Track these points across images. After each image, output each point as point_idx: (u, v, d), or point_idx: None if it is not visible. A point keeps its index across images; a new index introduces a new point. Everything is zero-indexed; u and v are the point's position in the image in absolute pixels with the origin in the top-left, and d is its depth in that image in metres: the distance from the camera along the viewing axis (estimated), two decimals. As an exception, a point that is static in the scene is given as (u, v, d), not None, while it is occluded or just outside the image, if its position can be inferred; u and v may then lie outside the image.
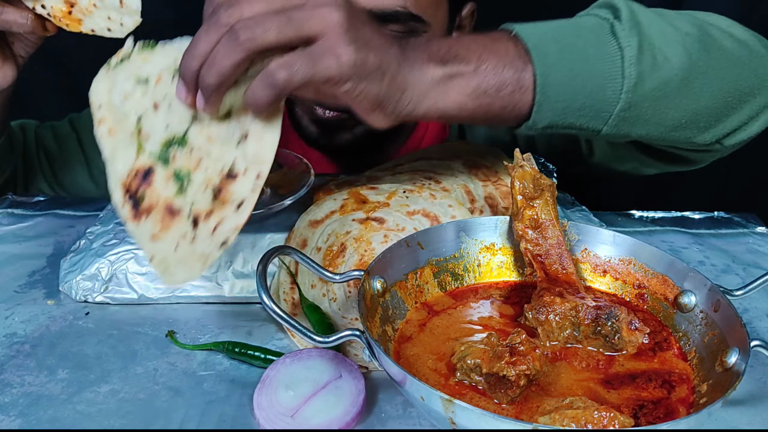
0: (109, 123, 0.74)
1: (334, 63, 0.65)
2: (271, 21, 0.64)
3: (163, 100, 0.74)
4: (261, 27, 0.63)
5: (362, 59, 0.66)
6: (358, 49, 0.66)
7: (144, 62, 0.76)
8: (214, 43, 0.65)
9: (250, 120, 0.70)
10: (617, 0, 0.81)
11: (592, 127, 0.80)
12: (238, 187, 0.69)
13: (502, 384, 0.62)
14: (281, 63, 0.64)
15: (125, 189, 0.71)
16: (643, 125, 0.81)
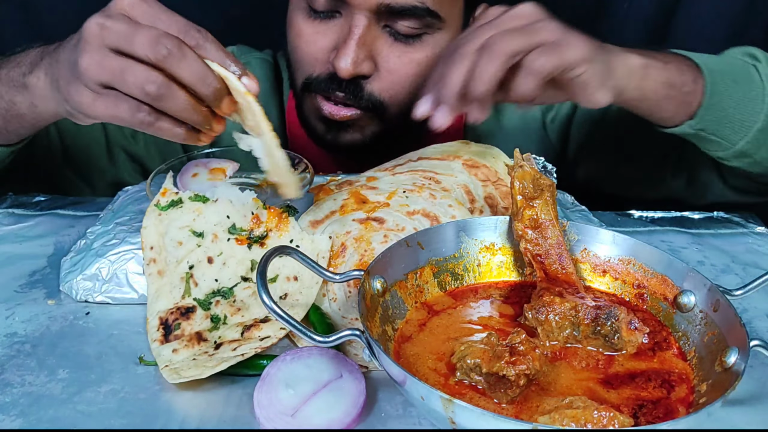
0: (160, 265, 0.82)
1: (577, 52, 0.81)
2: (511, 35, 0.80)
3: (218, 257, 0.83)
4: (506, 40, 0.79)
5: (591, 48, 0.83)
6: (585, 41, 0.83)
7: (198, 215, 0.85)
8: (468, 66, 0.80)
9: (290, 284, 0.81)
10: (756, 50, 1.04)
11: (731, 140, 0.98)
12: (267, 327, 0.76)
13: (501, 384, 0.62)
14: (537, 54, 0.79)
15: (162, 320, 0.78)
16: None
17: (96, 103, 0.73)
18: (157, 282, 0.81)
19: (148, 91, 0.70)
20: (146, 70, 0.70)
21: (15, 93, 0.86)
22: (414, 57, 1.04)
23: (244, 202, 0.86)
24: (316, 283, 0.81)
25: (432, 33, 1.04)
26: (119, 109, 0.73)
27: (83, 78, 0.72)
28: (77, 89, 0.74)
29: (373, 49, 1.02)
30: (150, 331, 0.77)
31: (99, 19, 0.72)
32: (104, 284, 0.84)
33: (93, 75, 0.72)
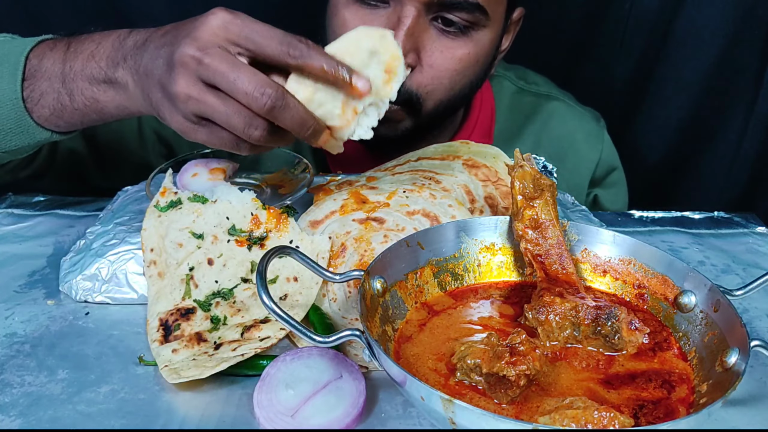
0: (160, 267, 0.83)
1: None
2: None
3: (218, 259, 0.83)
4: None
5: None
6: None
7: (198, 216, 0.85)
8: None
9: (290, 285, 0.81)
10: None
11: None
12: (267, 327, 0.76)
13: (502, 384, 0.62)
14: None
15: (162, 321, 0.78)
16: None
17: (197, 132, 0.74)
18: (158, 284, 0.81)
19: (251, 135, 0.72)
20: (250, 117, 0.71)
21: (98, 91, 0.82)
22: (457, 53, 1.04)
23: (244, 202, 0.86)
24: (316, 284, 0.81)
25: (476, 30, 1.03)
26: (221, 139, 0.74)
27: (179, 106, 0.72)
28: (173, 115, 0.74)
29: (419, 42, 1.01)
30: (150, 332, 0.77)
31: (193, 50, 0.70)
32: (104, 284, 0.84)
33: (191, 108, 0.72)
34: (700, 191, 1.71)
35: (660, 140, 1.72)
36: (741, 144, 1.62)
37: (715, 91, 1.61)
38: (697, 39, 1.57)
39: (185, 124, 0.74)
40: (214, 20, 0.72)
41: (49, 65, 0.85)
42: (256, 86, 0.70)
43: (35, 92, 0.85)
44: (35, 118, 0.86)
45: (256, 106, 0.70)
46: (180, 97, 0.71)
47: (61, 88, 0.84)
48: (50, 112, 0.86)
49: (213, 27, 0.71)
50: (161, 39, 0.76)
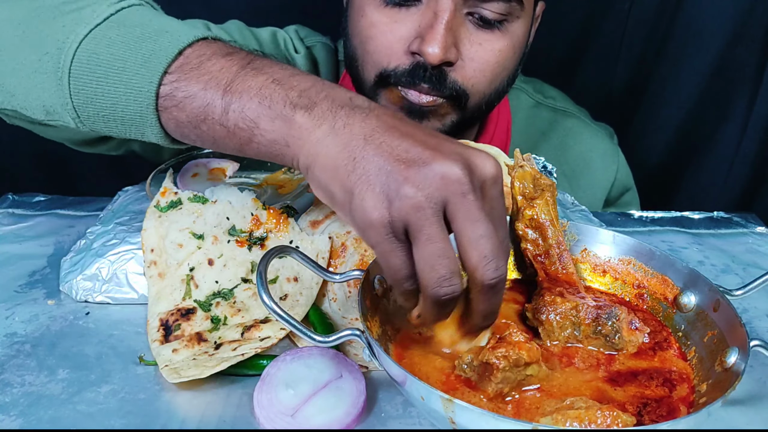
0: (160, 268, 0.82)
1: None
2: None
3: (219, 259, 0.83)
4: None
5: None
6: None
7: (198, 216, 0.85)
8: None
9: (290, 285, 0.81)
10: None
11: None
12: (267, 327, 0.76)
13: (487, 372, 0.62)
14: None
15: (162, 321, 0.78)
16: None
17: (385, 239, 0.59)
18: (158, 284, 0.81)
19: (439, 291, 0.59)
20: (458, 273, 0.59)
21: (264, 118, 0.67)
22: (495, 45, 1.02)
23: (244, 203, 0.86)
24: (316, 284, 0.81)
25: (512, 21, 1.02)
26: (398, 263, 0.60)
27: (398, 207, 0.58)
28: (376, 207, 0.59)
29: (458, 36, 0.99)
30: (150, 332, 0.77)
31: (463, 176, 0.58)
32: (104, 284, 0.84)
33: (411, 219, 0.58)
34: (700, 191, 1.72)
35: (660, 140, 1.73)
36: (741, 144, 1.62)
37: (715, 91, 1.62)
38: (697, 39, 1.57)
39: (383, 223, 0.59)
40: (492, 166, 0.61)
41: (215, 69, 0.70)
42: (497, 255, 0.59)
43: (180, 91, 0.71)
44: (163, 119, 0.73)
45: (482, 273, 0.59)
46: (411, 200, 0.57)
47: (217, 97, 0.69)
48: (187, 119, 0.71)
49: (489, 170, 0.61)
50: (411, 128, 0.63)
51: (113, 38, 0.72)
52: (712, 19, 1.55)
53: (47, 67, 0.73)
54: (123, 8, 0.76)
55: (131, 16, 0.75)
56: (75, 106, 0.74)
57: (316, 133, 0.64)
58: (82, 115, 0.75)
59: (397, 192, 0.58)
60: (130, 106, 0.72)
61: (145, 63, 0.71)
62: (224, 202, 0.86)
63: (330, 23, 1.26)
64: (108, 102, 0.73)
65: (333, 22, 1.19)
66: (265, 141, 0.68)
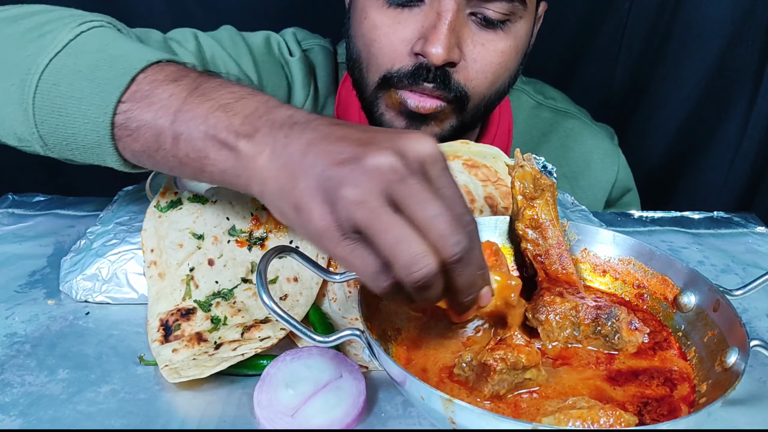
0: (160, 268, 0.82)
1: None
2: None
3: (219, 259, 0.83)
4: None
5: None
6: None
7: (198, 217, 0.85)
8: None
9: (290, 285, 0.81)
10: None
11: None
12: (267, 327, 0.76)
13: (485, 372, 0.62)
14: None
15: (162, 321, 0.78)
16: None
17: (340, 245, 0.59)
18: (158, 284, 0.81)
19: (411, 276, 0.57)
20: (423, 254, 0.57)
21: (211, 146, 0.68)
22: (498, 46, 1.02)
23: (244, 203, 0.86)
24: (316, 284, 0.81)
25: (514, 21, 1.02)
26: (364, 263, 0.59)
27: (341, 211, 0.58)
28: (323, 215, 0.59)
29: (461, 37, 0.99)
30: (150, 332, 0.77)
31: (396, 162, 0.58)
32: (104, 284, 0.84)
33: (357, 218, 0.57)
34: (700, 191, 1.71)
35: (660, 140, 1.72)
36: (741, 144, 1.62)
37: (715, 90, 1.62)
38: (697, 39, 1.57)
39: (333, 230, 0.59)
40: (427, 145, 0.60)
41: (165, 96, 0.70)
42: (454, 231, 0.58)
43: (133, 121, 0.71)
44: (120, 148, 0.74)
45: (444, 251, 0.58)
46: (350, 199, 0.57)
47: (167, 126, 0.70)
48: (142, 150, 0.72)
49: (424, 150, 0.60)
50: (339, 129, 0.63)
51: (71, 67, 0.73)
52: (712, 19, 1.55)
53: (15, 97, 0.75)
54: (83, 32, 0.76)
55: (89, 41, 0.76)
56: (41, 135, 0.76)
57: (260, 161, 0.64)
58: (48, 144, 0.77)
59: (336, 195, 0.58)
60: (89, 136, 0.73)
61: (100, 92, 0.71)
62: (224, 202, 0.86)
63: (330, 25, 1.25)
64: (69, 132, 0.74)
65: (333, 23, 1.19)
66: (217, 171, 0.69)
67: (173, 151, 0.70)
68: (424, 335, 0.72)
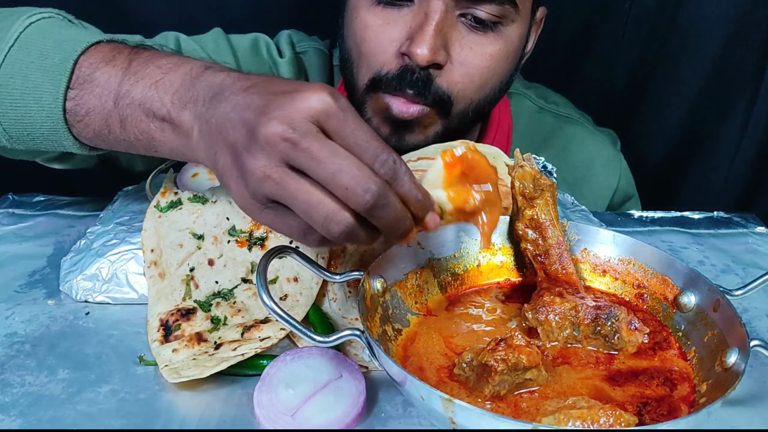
0: (160, 268, 0.82)
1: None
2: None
3: (219, 259, 0.83)
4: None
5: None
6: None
7: (198, 217, 0.85)
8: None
9: (290, 285, 0.81)
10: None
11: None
12: (267, 327, 0.76)
13: (485, 373, 0.62)
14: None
15: (162, 321, 0.78)
16: None
17: (262, 214, 0.63)
18: (158, 284, 0.81)
19: (330, 230, 0.60)
20: (335, 210, 0.60)
21: (155, 128, 0.71)
22: (487, 50, 1.00)
23: None
24: (316, 284, 0.81)
25: (506, 24, 1.00)
26: (289, 227, 0.63)
27: (252, 187, 0.61)
28: (239, 189, 0.63)
29: (448, 39, 0.98)
30: (150, 332, 0.77)
31: (287, 131, 0.59)
32: (104, 284, 0.84)
33: (266, 189, 0.61)
34: (700, 191, 1.71)
35: (660, 140, 1.72)
36: (741, 144, 1.62)
37: (715, 90, 1.62)
38: (697, 39, 1.57)
39: (251, 202, 0.63)
40: (316, 102, 0.61)
41: (104, 80, 0.73)
42: (360, 181, 0.59)
43: (81, 107, 0.74)
44: (75, 133, 0.77)
45: (354, 203, 0.60)
46: (256, 174, 0.60)
47: (113, 110, 0.73)
48: (94, 134, 0.76)
49: (312, 109, 0.61)
50: (245, 96, 0.64)
51: (23, 59, 0.76)
52: (712, 20, 1.55)
53: None
54: (32, 23, 0.78)
55: (37, 31, 0.78)
56: (5, 129, 0.79)
57: (194, 138, 0.68)
58: (13, 136, 0.79)
59: (244, 171, 0.61)
60: (45, 124, 0.76)
61: (51, 80, 0.74)
62: (224, 202, 0.86)
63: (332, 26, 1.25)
64: (28, 121, 0.77)
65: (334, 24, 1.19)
66: (167, 150, 0.73)
67: (123, 135, 0.74)
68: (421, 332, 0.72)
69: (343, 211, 0.60)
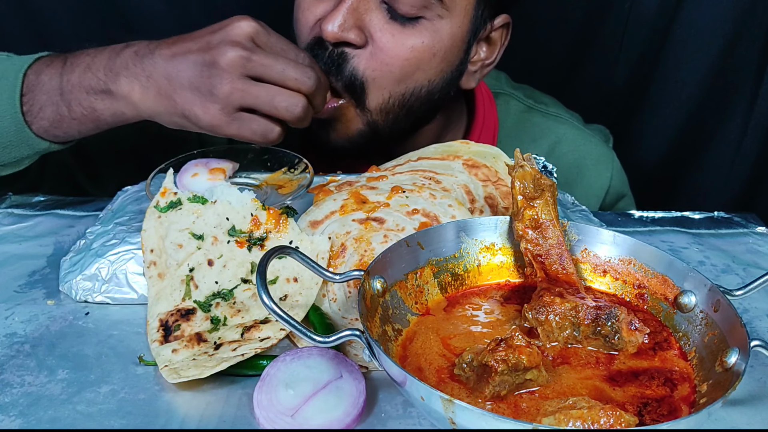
0: (160, 268, 0.83)
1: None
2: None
3: (219, 260, 0.84)
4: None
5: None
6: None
7: (198, 217, 0.85)
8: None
9: (290, 285, 0.81)
10: None
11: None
12: (267, 328, 0.76)
13: (485, 374, 0.62)
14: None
15: (162, 322, 0.78)
16: None
17: (230, 125, 0.84)
18: (158, 285, 0.81)
19: (294, 112, 0.84)
20: (292, 95, 0.84)
21: (95, 100, 0.89)
22: (408, 41, 1.00)
23: (244, 203, 0.86)
24: (316, 284, 0.81)
25: (431, 19, 1.00)
26: (251, 130, 0.84)
27: (222, 102, 0.82)
28: (207, 110, 0.83)
29: (367, 22, 0.99)
30: (150, 333, 0.77)
31: (240, 52, 0.82)
32: (104, 284, 0.84)
33: (235, 101, 0.82)
34: (700, 191, 1.71)
35: (660, 140, 1.72)
36: (741, 144, 1.62)
37: (715, 91, 1.62)
38: (697, 39, 1.57)
39: (220, 117, 0.82)
40: (246, 26, 0.83)
41: (47, 79, 0.91)
42: (302, 72, 0.83)
43: (35, 106, 0.92)
44: (35, 129, 0.93)
45: (305, 88, 0.83)
46: (224, 90, 0.81)
47: (59, 100, 0.91)
48: (49, 124, 0.93)
49: (247, 31, 0.83)
50: (179, 47, 0.85)
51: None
52: (712, 19, 1.54)
53: None
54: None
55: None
56: None
57: (135, 95, 0.87)
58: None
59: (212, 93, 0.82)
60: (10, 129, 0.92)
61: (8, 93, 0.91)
62: (224, 202, 0.86)
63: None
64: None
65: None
66: (110, 116, 0.90)
67: (72, 115, 0.91)
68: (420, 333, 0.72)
69: (297, 95, 0.84)
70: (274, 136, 0.87)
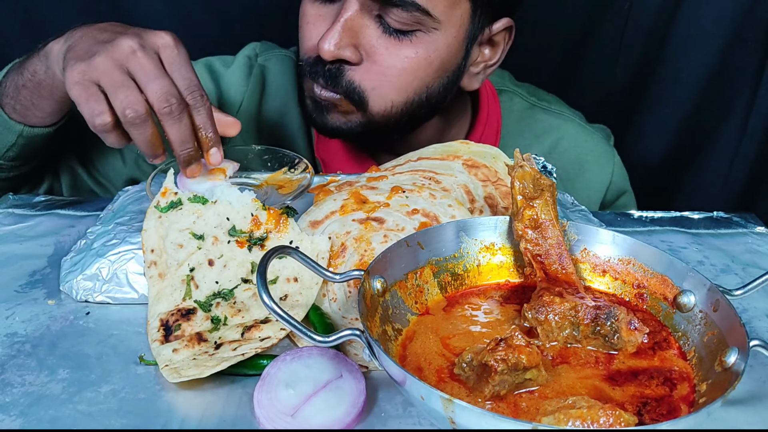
0: (160, 268, 0.83)
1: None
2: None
3: (219, 260, 0.83)
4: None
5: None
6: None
7: (198, 217, 0.85)
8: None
9: (290, 285, 0.81)
10: None
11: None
12: (267, 328, 0.76)
13: (485, 373, 0.62)
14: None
15: (162, 321, 0.78)
16: None
17: (76, 87, 0.84)
18: (158, 284, 0.81)
19: (126, 114, 0.82)
20: (137, 100, 0.82)
21: (36, 61, 0.97)
22: (402, 52, 1.02)
23: (244, 203, 0.86)
24: (316, 284, 0.81)
25: (426, 31, 1.02)
26: (90, 108, 0.83)
27: (87, 66, 0.83)
28: (75, 67, 0.84)
29: (361, 38, 1.02)
30: (150, 332, 0.77)
31: (136, 43, 0.84)
32: (104, 284, 0.84)
33: (96, 73, 0.83)
34: (700, 191, 1.72)
35: (660, 140, 1.73)
36: (741, 144, 1.62)
37: (714, 91, 1.62)
38: (697, 39, 1.57)
39: (74, 77, 0.83)
40: (163, 36, 0.86)
41: (12, 73, 1.03)
42: (167, 92, 0.82)
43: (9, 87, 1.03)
44: (7, 110, 1.04)
45: (157, 105, 0.82)
46: (96, 62, 0.83)
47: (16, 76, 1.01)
48: (11, 98, 1.02)
49: (158, 41, 0.85)
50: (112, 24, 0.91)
51: None
52: (712, 20, 1.55)
53: None
54: None
55: None
56: None
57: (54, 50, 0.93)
58: None
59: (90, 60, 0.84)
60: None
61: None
62: (224, 202, 0.86)
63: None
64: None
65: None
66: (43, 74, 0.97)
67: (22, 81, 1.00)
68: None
69: (143, 104, 0.82)
70: (99, 121, 0.84)
